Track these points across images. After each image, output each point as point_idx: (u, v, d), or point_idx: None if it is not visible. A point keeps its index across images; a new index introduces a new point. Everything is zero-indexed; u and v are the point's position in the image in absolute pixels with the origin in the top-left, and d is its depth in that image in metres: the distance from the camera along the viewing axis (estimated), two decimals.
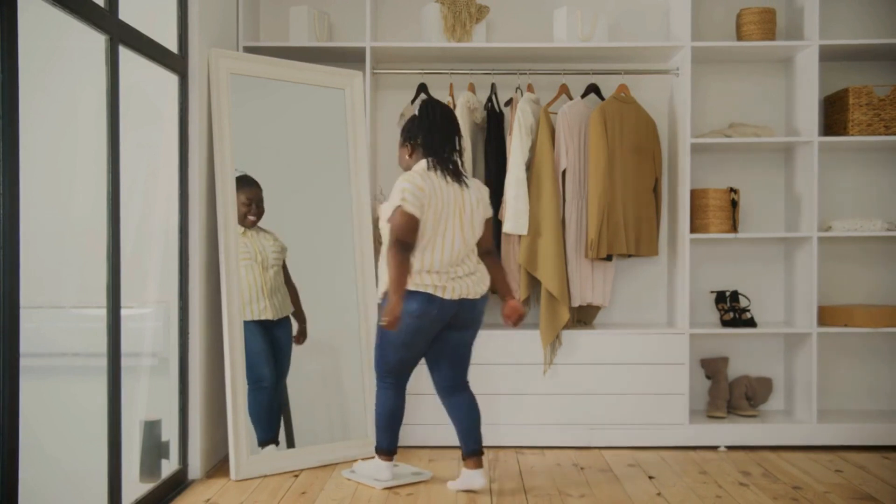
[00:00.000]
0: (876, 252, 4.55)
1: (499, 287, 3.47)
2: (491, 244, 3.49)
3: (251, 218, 3.78)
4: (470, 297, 3.30)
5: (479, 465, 3.41)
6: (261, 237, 3.81)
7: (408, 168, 3.41)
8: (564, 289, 4.10)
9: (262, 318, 3.74)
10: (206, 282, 3.69)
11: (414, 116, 3.42)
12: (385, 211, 3.29)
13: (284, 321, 3.85)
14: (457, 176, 3.33)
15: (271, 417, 3.76)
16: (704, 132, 4.47)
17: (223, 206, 3.68)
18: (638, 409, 4.15)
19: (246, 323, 3.71)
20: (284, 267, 3.88)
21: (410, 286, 3.23)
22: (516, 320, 3.43)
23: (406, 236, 3.20)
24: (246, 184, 3.78)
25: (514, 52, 4.30)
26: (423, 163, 3.33)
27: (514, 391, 4.14)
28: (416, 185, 3.22)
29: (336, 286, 4.03)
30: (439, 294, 3.24)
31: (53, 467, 2.73)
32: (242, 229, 3.76)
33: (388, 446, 3.48)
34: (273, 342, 3.80)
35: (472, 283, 3.32)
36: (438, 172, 3.30)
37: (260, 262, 3.76)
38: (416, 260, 3.24)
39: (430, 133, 3.34)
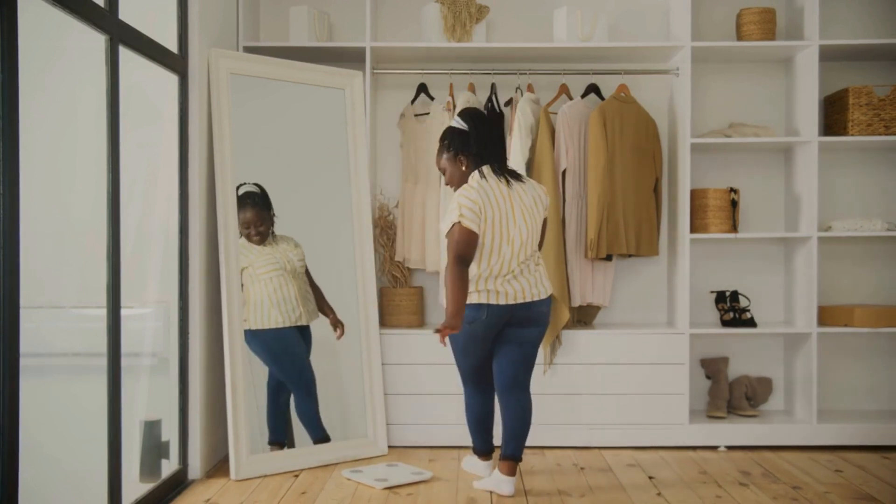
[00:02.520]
0: (876, 252, 4.55)
1: None
2: (540, 244, 3.45)
3: (256, 237, 3.78)
4: (527, 300, 3.28)
5: (513, 473, 3.37)
6: (281, 246, 3.81)
7: (460, 183, 3.33)
8: (564, 289, 4.10)
9: (300, 323, 3.80)
10: (206, 282, 3.69)
11: (456, 129, 3.34)
12: (444, 226, 3.26)
13: (307, 327, 3.89)
14: (514, 177, 3.33)
15: (289, 420, 3.82)
16: (704, 132, 4.47)
17: (223, 206, 3.68)
18: (638, 409, 4.15)
19: (285, 329, 3.76)
20: (307, 271, 3.90)
21: (469, 300, 3.26)
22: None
23: (465, 251, 3.18)
24: (247, 205, 3.76)
25: (514, 52, 4.30)
26: (475, 174, 3.28)
27: None
28: (472, 199, 3.19)
29: (336, 286, 4.02)
30: (493, 300, 3.24)
31: (53, 467, 2.73)
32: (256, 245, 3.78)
33: (480, 447, 3.60)
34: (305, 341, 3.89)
35: (530, 285, 3.29)
36: (493, 180, 3.27)
37: (290, 270, 3.78)
38: (478, 266, 3.24)
39: (484, 142, 3.30)
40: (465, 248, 3.18)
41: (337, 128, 4.11)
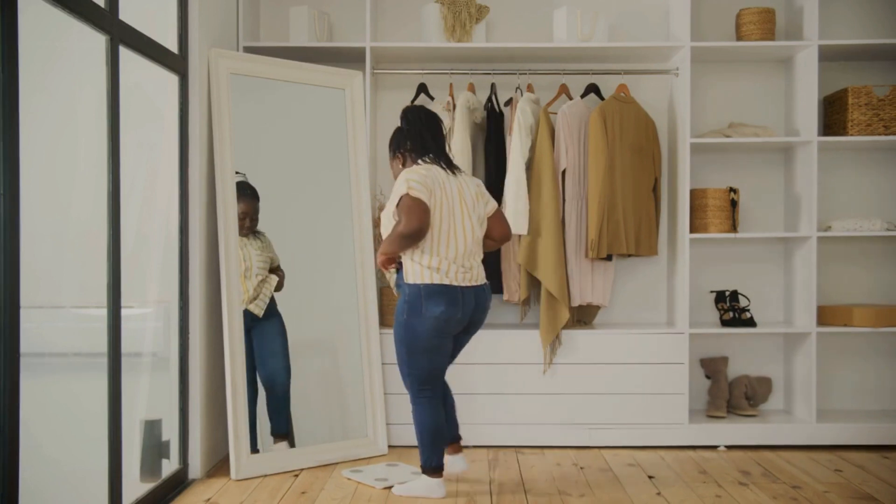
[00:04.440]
0: (875, 252, 4.55)
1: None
2: (508, 232, 3.45)
3: (244, 230, 3.78)
4: (478, 283, 3.29)
5: (461, 450, 3.52)
6: (249, 246, 3.79)
7: None
8: (564, 288, 4.10)
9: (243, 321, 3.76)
10: (206, 281, 3.69)
11: (398, 128, 3.39)
12: (388, 209, 3.23)
13: (271, 316, 3.83)
14: (453, 168, 3.33)
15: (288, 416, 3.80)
16: (704, 132, 4.47)
17: (223, 206, 3.68)
18: (638, 408, 4.15)
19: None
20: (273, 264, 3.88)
21: (428, 280, 3.18)
22: None
23: (416, 220, 3.08)
24: (243, 195, 3.77)
25: (513, 52, 4.30)
26: (419, 162, 3.31)
27: (514, 391, 4.15)
28: (420, 173, 3.18)
29: (336, 286, 4.03)
30: (458, 282, 3.20)
31: (54, 467, 2.73)
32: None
33: (438, 464, 3.30)
34: (262, 338, 3.79)
35: (477, 274, 3.30)
36: (437, 168, 3.27)
37: (243, 271, 3.75)
38: (434, 256, 3.19)
39: (419, 136, 3.32)
40: (417, 215, 3.09)
41: (337, 128, 4.12)
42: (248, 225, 3.79)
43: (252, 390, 3.76)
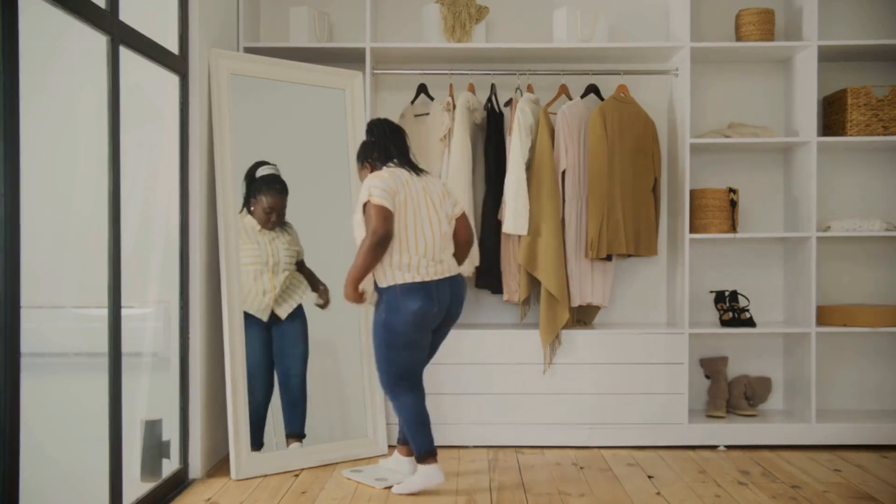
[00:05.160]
0: (875, 252, 4.55)
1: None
2: (471, 237, 3.54)
3: (271, 224, 3.79)
4: (450, 275, 3.36)
5: (412, 453, 3.53)
6: (278, 240, 3.81)
7: None
8: (564, 289, 4.10)
9: (264, 316, 3.75)
10: (207, 281, 3.70)
11: (364, 141, 3.50)
12: (357, 217, 3.31)
13: (295, 318, 3.85)
14: (418, 171, 3.42)
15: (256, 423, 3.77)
16: (704, 132, 4.47)
17: (223, 206, 3.68)
18: (637, 408, 4.15)
19: (249, 321, 3.72)
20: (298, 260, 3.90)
21: (401, 280, 3.26)
22: None
23: (381, 226, 3.19)
24: (270, 188, 3.77)
25: (513, 53, 4.31)
26: (384, 167, 3.40)
27: (513, 391, 4.15)
28: (382, 178, 3.28)
29: (336, 286, 4.02)
30: (431, 277, 3.28)
31: (54, 467, 2.74)
32: (259, 227, 3.77)
33: (430, 448, 3.35)
34: (283, 339, 3.81)
35: (449, 266, 3.39)
36: (401, 170, 3.37)
37: (272, 265, 3.76)
38: (404, 254, 3.27)
39: (384, 147, 3.43)
40: (380, 222, 3.20)
41: (337, 128, 4.12)
42: (275, 220, 3.79)
43: (268, 387, 3.77)
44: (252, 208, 3.77)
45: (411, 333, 3.30)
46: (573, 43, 4.24)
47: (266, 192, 3.76)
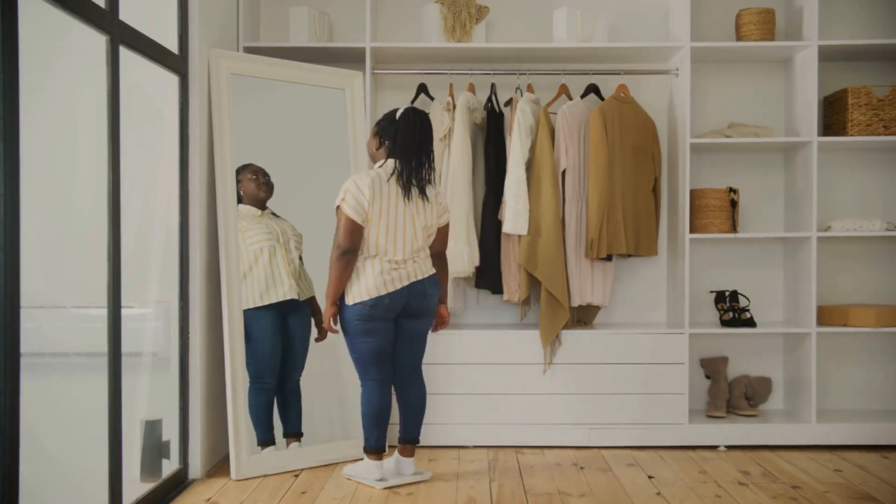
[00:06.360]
0: (875, 252, 4.55)
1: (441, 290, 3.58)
2: (444, 249, 3.60)
3: (262, 195, 3.79)
4: (417, 278, 3.39)
5: (412, 454, 3.58)
6: (279, 221, 3.82)
7: (373, 158, 3.52)
8: (564, 289, 4.10)
9: (289, 297, 3.72)
10: (207, 281, 3.70)
11: (392, 116, 3.46)
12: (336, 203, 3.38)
13: (302, 309, 3.84)
14: (419, 191, 3.41)
15: (271, 417, 3.77)
16: (704, 132, 4.47)
17: (223, 206, 3.68)
18: (637, 408, 4.15)
19: (259, 318, 3.69)
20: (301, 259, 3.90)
21: (357, 287, 3.35)
22: (438, 327, 3.67)
23: (345, 241, 3.31)
24: (252, 165, 3.80)
25: (513, 53, 4.31)
26: (389, 164, 3.42)
27: (514, 391, 4.15)
28: (360, 187, 3.32)
29: None
30: (385, 290, 3.33)
31: (54, 467, 2.73)
32: (259, 212, 3.77)
33: (375, 444, 3.48)
34: (286, 333, 3.78)
35: (417, 268, 3.42)
36: (396, 183, 3.37)
37: (283, 242, 3.76)
38: (368, 261, 3.36)
39: (403, 142, 3.40)
40: (346, 235, 3.30)
41: (337, 128, 4.12)
42: (263, 182, 3.79)
43: (279, 381, 3.78)
44: (242, 193, 3.77)
45: (365, 322, 3.36)
46: (573, 43, 4.24)
47: (245, 169, 3.78)
